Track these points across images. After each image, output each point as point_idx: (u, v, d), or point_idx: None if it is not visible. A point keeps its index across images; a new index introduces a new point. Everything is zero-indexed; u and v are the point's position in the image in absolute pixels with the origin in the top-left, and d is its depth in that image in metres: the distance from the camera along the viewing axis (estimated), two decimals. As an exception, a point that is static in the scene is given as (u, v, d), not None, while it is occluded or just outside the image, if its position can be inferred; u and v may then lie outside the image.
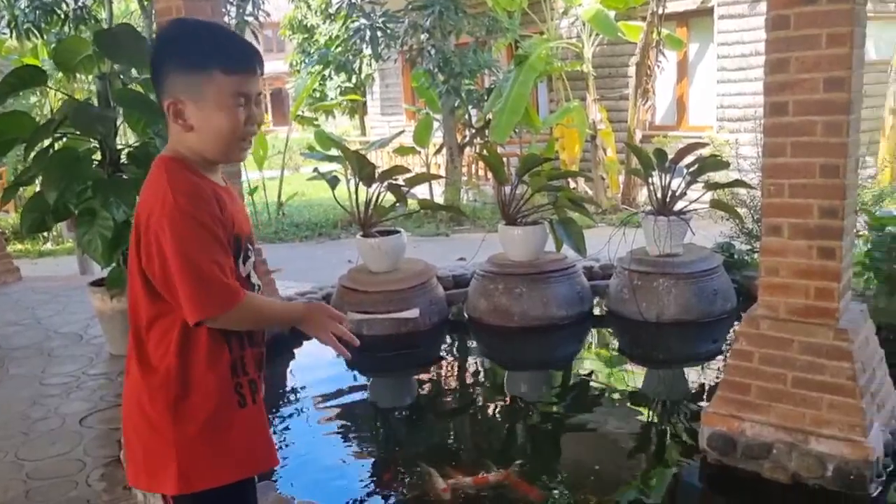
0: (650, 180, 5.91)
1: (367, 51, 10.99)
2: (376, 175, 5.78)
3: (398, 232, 6.02)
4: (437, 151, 11.94)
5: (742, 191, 6.45)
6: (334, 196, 5.97)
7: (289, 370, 5.35)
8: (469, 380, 5.33)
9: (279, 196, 11.75)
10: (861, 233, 5.60)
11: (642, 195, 10.23)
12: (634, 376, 5.15)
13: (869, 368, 3.38)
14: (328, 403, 4.75)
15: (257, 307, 1.81)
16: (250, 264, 1.89)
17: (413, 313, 5.54)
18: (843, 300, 3.36)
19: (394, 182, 5.87)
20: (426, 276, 5.86)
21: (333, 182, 5.91)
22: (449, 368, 5.55)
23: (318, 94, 17.56)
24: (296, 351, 5.64)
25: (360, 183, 5.88)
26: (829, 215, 3.21)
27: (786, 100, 3.21)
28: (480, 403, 4.82)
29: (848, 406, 3.22)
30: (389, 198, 6.00)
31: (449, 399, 4.94)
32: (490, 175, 6.37)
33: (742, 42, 10.36)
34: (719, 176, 6.01)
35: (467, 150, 11.63)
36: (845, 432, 3.21)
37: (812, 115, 3.15)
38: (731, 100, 10.56)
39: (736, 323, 5.47)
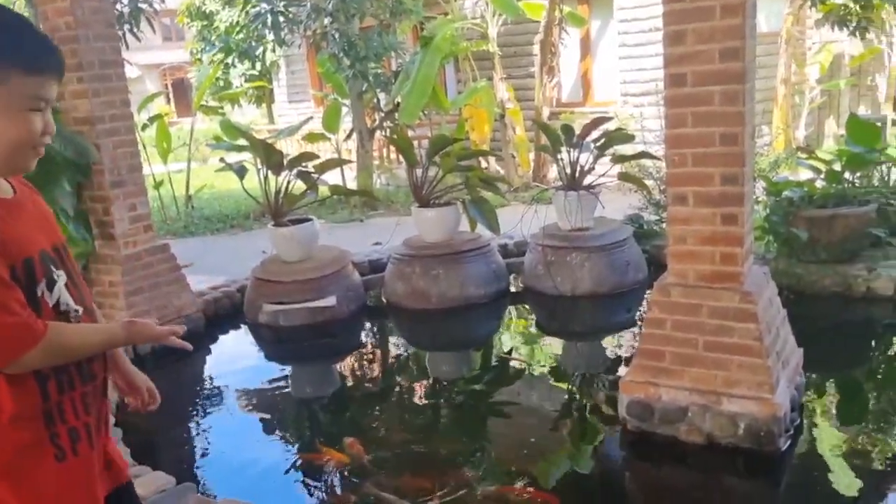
0: (559, 156, 5.98)
1: (270, 37, 10.70)
2: (284, 163, 5.66)
3: (310, 220, 5.93)
4: (348, 137, 11.78)
5: (649, 163, 6.61)
6: (243, 186, 5.82)
7: (205, 365, 5.21)
8: (391, 364, 5.31)
9: (187, 189, 11.40)
10: (760, 198, 5.82)
11: (553, 172, 10.37)
12: (553, 350, 5.23)
13: (773, 328, 3.51)
14: (249, 397, 4.65)
15: (66, 340, 1.51)
16: (60, 288, 1.56)
17: (330, 301, 5.55)
18: (747, 264, 3.48)
19: (303, 169, 5.76)
20: (341, 262, 5.79)
21: (241, 172, 5.76)
22: (370, 354, 5.51)
23: (221, 83, 17.07)
24: (212, 347, 5.51)
25: (269, 172, 5.75)
26: (730, 182, 3.31)
27: (684, 71, 3.28)
28: (403, 387, 4.80)
29: (755, 366, 3.34)
30: (300, 186, 5.89)
31: (371, 385, 4.90)
32: (402, 158, 6.34)
33: (641, 18, 10.58)
34: (626, 149, 6.13)
35: (378, 134, 11.52)
36: (754, 391, 3.33)
37: (710, 86, 3.23)
38: (634, 75, 10.79)
39: (648, 292, 5.63)
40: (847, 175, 5.62)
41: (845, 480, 3.19)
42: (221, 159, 6.10)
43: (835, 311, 5.15)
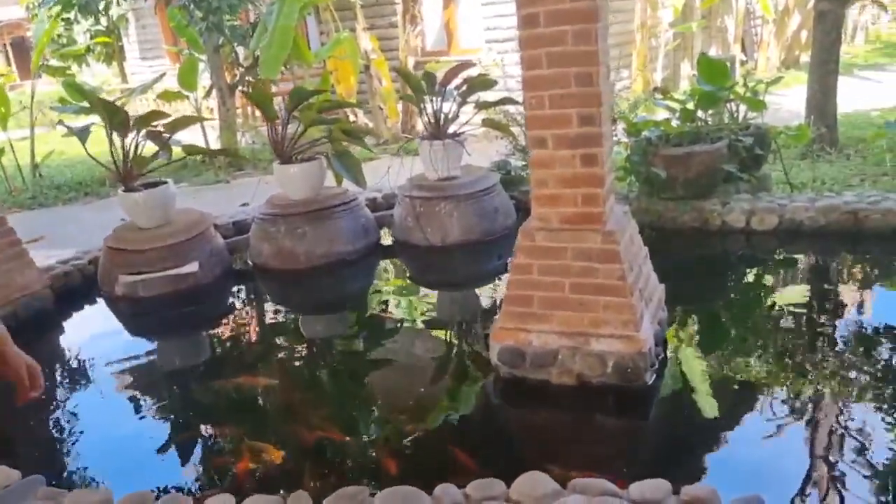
0: (422, 106, 5.87)
1: (112, -12, 9.97)
2: (130, 123, 5.28)
3: (165, 183, 5.58)
4: (207, 94, 11.22)
5: (513, 109, 6.59)
6: (87, 151, 5.40)
7: (59, 345, 4.86)
8: (262, 329, 5.12)
9: (32, 157, 10.58)
10: (620, 140, 5.93)
11: (421, 122, 10.26)
12: (428, 302, 5.19)
13: (636, 266, 3.58)
14: (115, 373, 4.36)
15: None
16: None
17: (192, 267, 5.28)
18: (608, 204, 3.50)
19: (153, 129, 5.40)
20: (202, 226, 5.51)
21: (83, 135, 5.33)
22: (239, 320, 5.29)
23: (64, 41, 15.92)
24: (65, 325, 5.15)
25: (115, 133, 5.36)
26: (588, 123, 3.30)
27: (537, 11, 3.22)
28: (277, 352, 4.63)
29: (620, 305, 3.39)
30: (154, 147, 5.52)
31: (243, 352, 4.71)
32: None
33: (501, -37, 10.52)
34: (490, 96, 6.09)
35: (239, 90, 11.03)
36: (620, 329, 3.39)
37: (562, 25, 3.19)
38: (497, 21, 10.75)
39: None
40: (700, 113, 5.79)
41: (707, 405, 3.32)
42: (60, 122, 5.63)
43: (693, 246, 5.36)
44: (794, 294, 4.58)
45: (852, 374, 3.42)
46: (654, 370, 3.45)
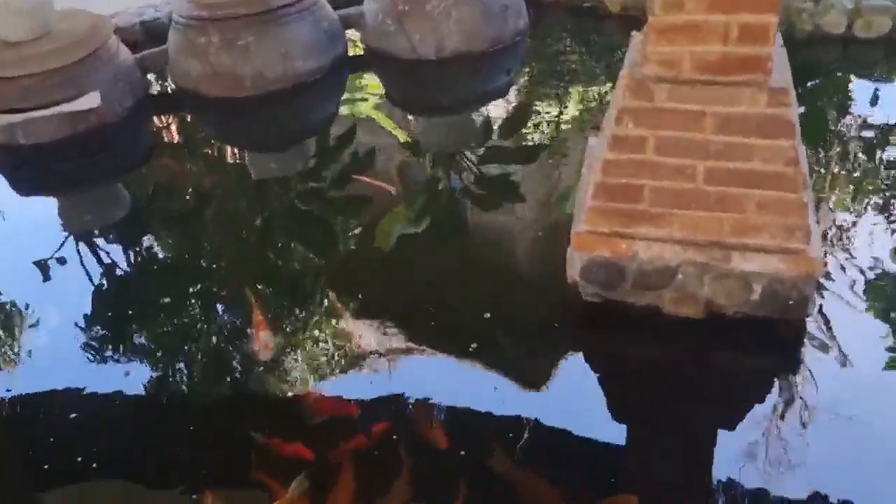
0: None
1: None
2: None
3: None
4: None
5: None
6: None
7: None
8: (198, 178, 3.78)
9: None
10: None
11: None
12: (410, 128, 3.93)
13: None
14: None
15: None
16: None
17: (91, 100, 3.80)
18: (777, 42, 2.18)
19: None
20: (99, 36, 3.89)
21: None
22: (166, 167, 3.88)
23: None
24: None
25: None
26: None
27: None
28: (222, 203, 3.43)
29: (786, 203, 2.18)
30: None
31: (178, 204, 3.46)
32: None
33: None
34: None
35: None
36: (782, 240, 2.21)
37: None
38: None
39: (530, 42, 4.32)
40: None
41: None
42: None
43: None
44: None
45: None
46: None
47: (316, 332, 2.56)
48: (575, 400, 2.23)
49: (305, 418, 2.22)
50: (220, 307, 2.78)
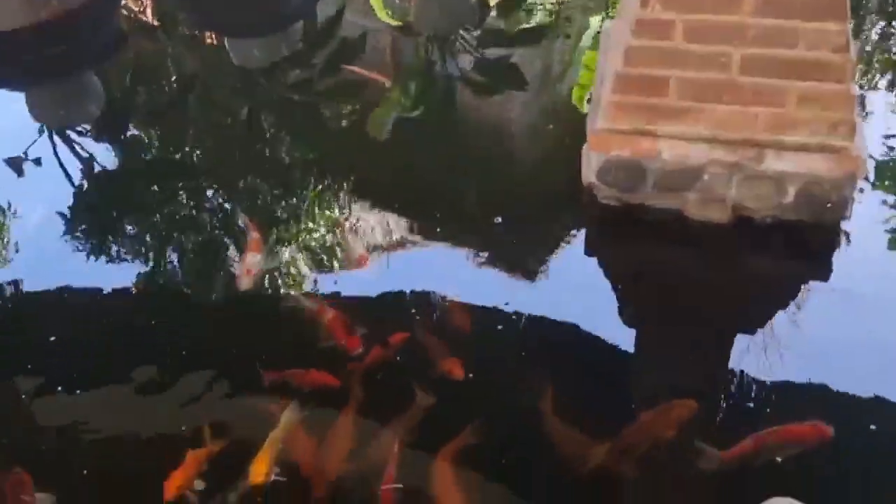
0: None
1: None
2: None
3: None
4: None
5: None
6: None
7: None
8: (183, 59, 3.51)
9: None
10: None
11: None
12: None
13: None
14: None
15: None
16: None
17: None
18: None
19: None
20: None
21: None
22: (140, 55, 3.58)
23: None
24: None
25: None
26: None
27: None
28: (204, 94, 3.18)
29: (832, 95, 1.95)
30: None
31: (164, 92, 3.29)
32: None
33: None
34: None
35: None
36: (824, 136, 1.99)
37: None
38: None
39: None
40: None
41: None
42: None
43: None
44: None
45: None
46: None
47: (310, 225, 2.37)
48: (592, 307, 2.05)
49: (314, 338, 2.01)
50: (209, 206, 2.58)
